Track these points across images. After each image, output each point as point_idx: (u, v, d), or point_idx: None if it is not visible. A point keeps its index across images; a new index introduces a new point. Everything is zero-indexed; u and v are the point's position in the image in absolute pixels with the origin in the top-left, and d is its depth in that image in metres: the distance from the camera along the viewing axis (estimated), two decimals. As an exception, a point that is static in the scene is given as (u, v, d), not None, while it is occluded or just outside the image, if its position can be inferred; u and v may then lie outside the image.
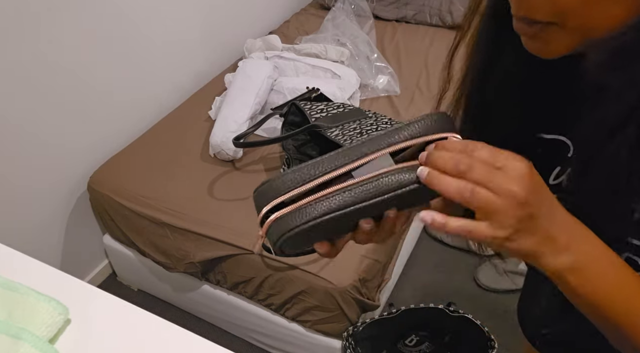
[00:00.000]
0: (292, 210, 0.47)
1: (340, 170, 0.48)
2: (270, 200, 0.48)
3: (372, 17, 2.49)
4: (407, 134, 0.48)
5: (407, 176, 0.47)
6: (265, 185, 0.49)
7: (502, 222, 0.43)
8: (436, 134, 0.48)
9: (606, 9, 0.44)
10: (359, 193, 0.47)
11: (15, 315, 0.64)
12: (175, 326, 0.66)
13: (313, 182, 0.47)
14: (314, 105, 1.64)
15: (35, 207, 1.74)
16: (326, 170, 0.48)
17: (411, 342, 1.61)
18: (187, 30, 2.15)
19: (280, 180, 0.48)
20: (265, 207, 0.48)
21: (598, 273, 0.47)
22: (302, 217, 0.47)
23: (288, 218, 0.47)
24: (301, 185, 0.48)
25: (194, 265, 1.64)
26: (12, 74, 1.54)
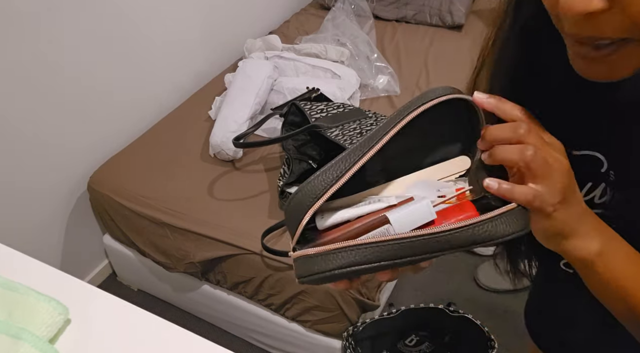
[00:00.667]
0: (330, 251, 0.43)
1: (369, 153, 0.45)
2: (306, 211, 0.44)
3: (372, 17, 2.49)
4: (423, 100, 0.47)
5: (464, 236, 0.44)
6: (296, 196, 0.45)
7: (554, 187, 0.44)
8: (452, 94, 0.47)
9: None
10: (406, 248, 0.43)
11: (15, 315, 0.64)
12: (175, 326, 0.66)
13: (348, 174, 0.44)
14: (314, 105, 1.64)
15: (35, 207, 1.74)
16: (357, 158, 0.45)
17: (411, 342, 1.61)
18: (187, 30, 2.15)
19: (311, 184, 0.45)
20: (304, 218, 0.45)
21: (622, 258, 0.48)
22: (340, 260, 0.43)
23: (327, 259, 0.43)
24: (336, 181, 0.44)
25: (194, 265, 1.64)
26: (12, 74, 1.54)
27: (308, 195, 0.44)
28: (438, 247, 0.43)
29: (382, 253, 0.42)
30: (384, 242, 0.42)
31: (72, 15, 1.65)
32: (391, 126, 0.46)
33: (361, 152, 0.45)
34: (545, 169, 0.44)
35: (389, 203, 0.46)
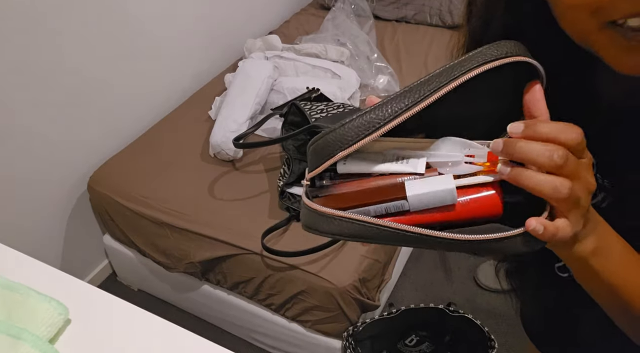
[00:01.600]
0: (336, 217, 0.42)
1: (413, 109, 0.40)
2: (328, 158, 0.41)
3: (372, 17, 2.49)
4: (483, 58, 0.40)
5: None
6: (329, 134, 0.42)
7: (580, 216, 0.40)
8: (518, 56, 0.41)
9: None
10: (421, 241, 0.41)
11: (15, 315, 0.64)
12: (175, 326, 0.66)
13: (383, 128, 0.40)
14: (314, 106, 1.64)
15: (35, 207, 1.74)
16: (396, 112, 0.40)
17: (411, 342, 1.61)
18: (187, 30, 2.15)
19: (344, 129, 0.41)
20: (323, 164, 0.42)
21: (617, 254, 0.47)
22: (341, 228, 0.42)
23: (332, 222, 0.42)
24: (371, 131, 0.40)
25: (194, 265, 1.64)
26: (11, 74, 1.54)
27: (337, 141, 0.41)
28: (438, 247, 0.42)
29: (383, 235, 0.42)
30: (388, 228, 0.42)
31: (72, 15, 1.65)
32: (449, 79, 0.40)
33: (408, 101, 0.40)
34: (575, 206, 0.40)
35: (415, 171, 0.43)
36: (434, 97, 0.40)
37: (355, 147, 0.41)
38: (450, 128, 0.45)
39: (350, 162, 0.45)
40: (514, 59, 0.40)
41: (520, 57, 0.41)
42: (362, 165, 0.44)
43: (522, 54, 0.41)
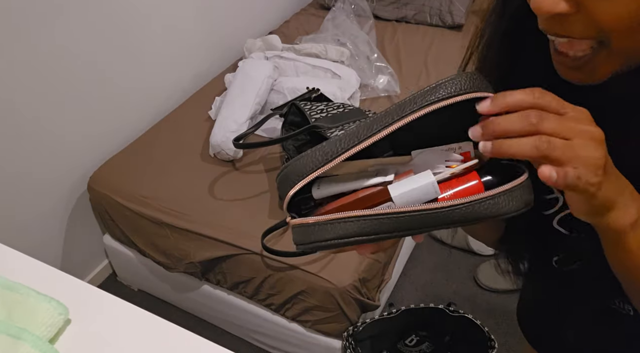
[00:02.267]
0: (328, 221, 0.43)
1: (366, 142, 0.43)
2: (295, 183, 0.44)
3: (372, 17, 2.49)
4: (443, 93, 0.42)
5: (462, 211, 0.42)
6: (287, 168, 0.45)
7: (591, 164, 0.40)
8: (476, 92, 0.42)
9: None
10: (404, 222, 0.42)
11: (15, 315, 0.64)
12: (175, 326, 0.66)
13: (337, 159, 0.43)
14: (314, 106, 1.64)
15: (35, 207, 1.74)
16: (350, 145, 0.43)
17: (411, 342, 1.61)
18: (187, 30, 2.15)
19: (302, 160, 0.44)
20: (290, 191, 0.44)
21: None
22: (338, 231, 0.43)
23: (326, 229, 0.43)
24: (325, 163, 0.43)
25: (194, 265, 1.64)
26: (10, 74, 1.54)
27: (295, 172, 0.44)
28: (438, 222, 0.43)
29: (382, 226, 0.42)
30: (384, 215, 0.42)
31: (72, 15, 1.65)
32: (402, 115, 0.43)
33: (360, 136, 0.43)
34: (570, 153, 0.39)
35: (385, 180, 0.45)
36: (384, 133, 0.43)
37: (313, 175, 0.43)
38: (420, 146, 0.47)
39: (323, 187, 0.46)
40: (463, 98, 0.42)
41: (473, 93, 0.42)
42: (335, 187, 0.46)
43: (476, 90, 0.42)
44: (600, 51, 0.43)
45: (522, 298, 0.89)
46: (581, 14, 0.41)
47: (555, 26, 0.43)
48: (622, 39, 0.41)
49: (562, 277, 0.64)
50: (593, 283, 0.51)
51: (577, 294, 0.56)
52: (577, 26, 0.42)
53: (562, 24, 0.42)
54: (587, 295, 0.52)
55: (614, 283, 0.51)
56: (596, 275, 0.50)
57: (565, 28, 0.42)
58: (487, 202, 0.42)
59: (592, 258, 0.52)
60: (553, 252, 0.62)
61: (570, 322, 0.73)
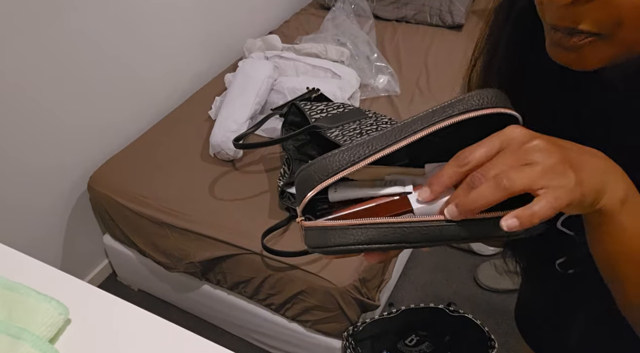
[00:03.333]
0: (350, 226, 0.43)
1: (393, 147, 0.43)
2: (321, 180, 0.43)
3: (372, 17, 2.49)
4: (463, 107, 0.42)
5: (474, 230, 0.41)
6: (311, 166, 0.44)
7: (556, 173, 0.38)
8: (496, 108, 0.42)
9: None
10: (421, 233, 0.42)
11: (15, 315, 0.64)
12: (175, 326, 0.66)
13: (363, 162, 0.43)
14: (314, 106, 1.64)
15: (35, 207, 1.74)
16: (377, 149, 0.43)
17: (411, 342, 1.61)
18: (187, 30, 2.15)
19: (328, 159, 0.43)
20: (317, 186, 0.43)
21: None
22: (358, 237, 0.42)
23: (345, 234, 0.43)
24: (351, 165, 0.43)
25: (194, 265, 1.64)
26: (10, 75, 1.54)
27: (319, 171, 0.44)
28: (458, 236, 0.42)
29: (404, 235, 0.42)
30: (408, 224, 0.42)
31: (72, 15, 1.65)
32: (427, 124, 0.43)
33: (387, 141, 0.43)
34: (526, 176, 0.38)
35: (404, 190, 0.45)
36: (411, 139, 0.43)
37: (340, 175, 0.43)
38: (435, 158, 0.47)
39: (340, 190, 0.46)
40: (491, 111, 0.42)
41: (499, 109, 0.42)
42: (352, 192, 0.46)
43: (501, 106, 0.42)
44: (597, 42, 0.42)
45: (520, 299, 0.89)
46: (599, 1, 0.40)
47: (565, 19, 0.42)
48: (631, 29, 0.40)
49: (563, 279, 0.64)
50: (595, 286, 0.50)
51: (577, 297, 0.56)
52: (592, 14, 0.40)
53: (574, 15, 0.41)
54: (588, 298, 0.52)
55: None
56: (599, 278, 0.49)
57: (576, 18, 0.41)
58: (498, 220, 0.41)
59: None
60: (557, 254, 0.61)
61: (569, 324, 0.73)
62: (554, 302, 0.74)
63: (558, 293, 0.71)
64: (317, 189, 0.43)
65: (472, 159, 0.40)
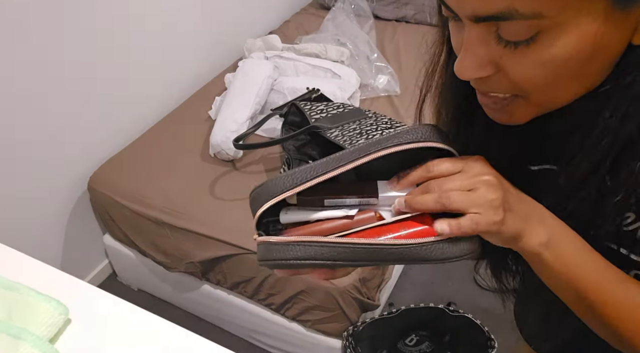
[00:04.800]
0: (290, 243, 0.48)
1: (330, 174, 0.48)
2: (264, 203, 0.49)
3: (372, 17, 2.49)
4: (401, 140, 0.49)
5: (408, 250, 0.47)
6: (259, 188, 0.50)
7: (489, 207, 0.45)
8: (432, 142, 0.49)
9: (566, 86, 0.45)
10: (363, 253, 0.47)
11: (15, 315, 0.64)
12: (175, 326, 0.66)
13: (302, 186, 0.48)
14: (314, 106, 1.64)
15: (35, 207, 1.74)
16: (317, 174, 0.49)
17: (411, 342, 1.61)
18: (187, 30, 2.15)
19: (273, 183, 0.49)
20: (258, 210, 0.49)
21: (570, 246, 0.49)
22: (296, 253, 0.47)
23: (286, 249, 0.48)
24: (291, 188, 0.48)
25: (194, 265, 1.64)
26: (11, 74, 1.54)
27: (265, 193, 0.49)
28: (389, 257, 0.47)
29: (339, 254, 0.47)
30: (341, 244, 0.47)
31: (72, 14, 1.65)
32: (364, 154, 0.49)
33: (327, 168, 0.49)
34: (468, 201, 0.45)
35: (348, 213, 0.50)
36: (349, 167, 0.49)
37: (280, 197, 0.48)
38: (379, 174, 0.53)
39: (291, 213, 0.51)
40: (419, 145, 0.49)
41: (427, 142, 0.49)
42: (301, 215, 0.51)
43: (431, 140, 0.49)
44: (517, 100, 0.48)
45: (518, 297, 0.89)
46: (500, 74, 0.46)
47: (481, 86, 0.49)
48: (538, 94, 0.46)
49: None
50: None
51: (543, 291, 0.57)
52: (499, 85, 0.47)
53: (486, 84, 0.48)
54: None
55: None
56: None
57: (489, 87, 0.48)
58: (436, 245, 0.47)
59: None
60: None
61: (566, 324, 0.73)
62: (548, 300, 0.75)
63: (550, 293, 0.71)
64: (263, 209, 0.49)
65: (437, 170, 0.48)
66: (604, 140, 0.46)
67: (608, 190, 0.48)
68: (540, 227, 0.48)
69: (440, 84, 0.60)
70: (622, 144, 0.46)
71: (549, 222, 0.49)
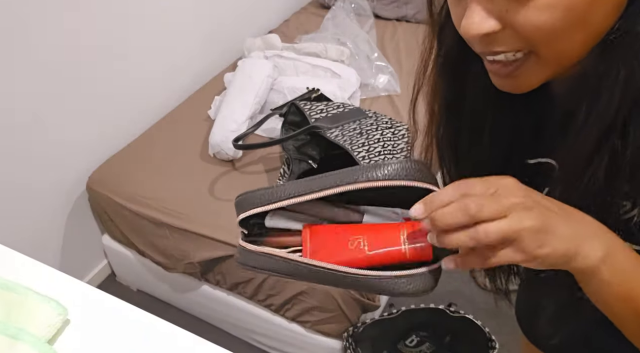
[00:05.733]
0: (258, 253, 0.51)
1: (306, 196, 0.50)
2: (244, 211, 0.53)
3: (372, 16, 2.49)
4: (388, 172, 0.48)
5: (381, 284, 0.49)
6: (245, 195, 0.53)
7: (530, 235, 0.42)
8: (419, 181, 0.48)
9: (573, 35, 0.44)
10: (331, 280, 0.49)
11: (14, 315, 0.63)
12: (174, 326, 0.66)
13: (276, 204, 0.51)
14: (314, 106, 1.64)
15: (34, 207, 1.74)
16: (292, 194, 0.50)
17: (411, 343, 1.61)
18: (187, 29, 2.15)
19: (257, 193, 0.52)
20: (239, 216, 0.53)
21: (627, 258, 0.46)
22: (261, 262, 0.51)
23: (255, 258, 0.52)
24: (266, 204, 0.51)
25: (193, 265, 1.63)
26: (11, 74, 1.53)
27: (248, 201, 0.53)
28: (342, 283, 0.49)
29: (295, 270, 0.50)
30: (297, 262, 0.50)
31: (72, 14, 1.65)
32: (350, 181, 0.49)
33: (310, 189, 0.50)
34: (507, 234, 0.42)
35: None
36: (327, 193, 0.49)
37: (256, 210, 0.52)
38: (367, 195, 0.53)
39: (275, 219, 0.54)
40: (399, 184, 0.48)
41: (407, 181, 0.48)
42: (282, 223, 0.54)
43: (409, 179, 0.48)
44: (529, 58, 0.47)
45: (518, 296, 0.89)
46: (508, 29, 0.45)
47: (488, 46, 0.47)
48: (547, 48, 0.45)
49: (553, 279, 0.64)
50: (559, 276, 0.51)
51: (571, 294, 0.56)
52: (507, 41, 0.46)
53: (493, 42, 0.46)
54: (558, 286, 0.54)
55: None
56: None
57: (497, 45, 0.46)
58: (388, 280, 0.48)
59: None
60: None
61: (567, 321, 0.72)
62: (549, 298, 0.75)
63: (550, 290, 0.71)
64: (240, 217, 0.53)
65: (471, 191, 0.44)
66: (613, 101, 0.44)
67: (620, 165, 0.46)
68: (594, 242, 0.44)
69: (432, 77, 0.61)
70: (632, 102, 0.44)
71: (602, 235, 0.45)
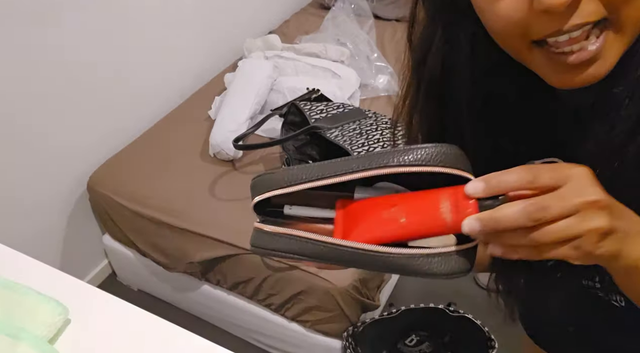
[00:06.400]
0: (278, 234, 0.48)
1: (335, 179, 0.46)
2: (265, 192, 0.49)
3: (372, 16, 2.49)
4: (420, 157, 0.43)
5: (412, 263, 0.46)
6: (263, 176, 0.50)
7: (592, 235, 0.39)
8: (453, 168, 0.43)
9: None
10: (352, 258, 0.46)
11: (14, 315, 0.64)
12: (175, 326, 0.66)
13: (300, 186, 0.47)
14: (314, 106, 1.64)
15: (35, 207, 1.74)
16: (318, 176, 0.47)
17: (411, 342, 1.61)
18: (187, 29, 2.15)
19: (273, 176, 0.49)
20: (256, 197, 0.49)
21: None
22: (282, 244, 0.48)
23: (276, 240, 0.48)
24: (287, 186, 0.48)
25: (193, 265, 1.64)
26: (11, 74, 1.53)
27: (264, 184, 0.49)
28: (372, 263, 0.45)
29: (320, 252, 0.47)
30: (323, 243, 0.46)
31: (72, 14, 1.65)
32: (379, 165, 0.45)
33: (337, 170, 0.46)
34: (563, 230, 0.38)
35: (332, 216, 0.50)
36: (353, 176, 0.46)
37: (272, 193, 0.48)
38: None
39: (295, 208, 0.51)
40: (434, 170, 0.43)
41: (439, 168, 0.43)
42: (302, 211, 0.51)
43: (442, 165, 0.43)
44: (608, 31, 0.42)
45: (521, 294, 0.89)
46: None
47: (563, 20, 0.41)
48: (629, 7, 0.40)
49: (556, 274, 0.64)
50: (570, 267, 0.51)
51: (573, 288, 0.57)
52: (588, 7, 0.41)
53: (572, 14, 0.41)
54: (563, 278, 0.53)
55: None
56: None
57: (577, 16, 0.41)
58: (421, 259, 0.46)
59: None
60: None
61: (568, 316, 0.73)
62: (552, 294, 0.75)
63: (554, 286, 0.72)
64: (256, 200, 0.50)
65: (540, 182, 0.39)
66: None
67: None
68: (637, 241, 0.42)
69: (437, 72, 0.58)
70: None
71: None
